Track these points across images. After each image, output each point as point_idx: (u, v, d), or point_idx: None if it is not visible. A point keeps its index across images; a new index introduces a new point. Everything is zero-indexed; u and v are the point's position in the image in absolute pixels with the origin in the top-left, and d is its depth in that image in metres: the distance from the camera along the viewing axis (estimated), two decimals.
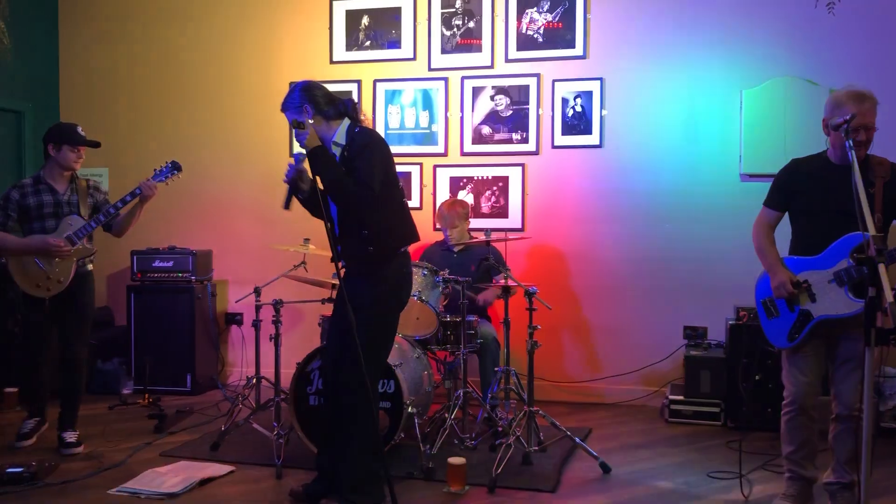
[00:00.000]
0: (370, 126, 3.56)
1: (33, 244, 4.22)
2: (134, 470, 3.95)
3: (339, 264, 3.32)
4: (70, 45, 6.48)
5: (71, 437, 4.33)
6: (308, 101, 3.40)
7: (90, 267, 4.46)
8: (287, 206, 3.42)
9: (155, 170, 4.45)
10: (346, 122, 3.46)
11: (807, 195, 3.26)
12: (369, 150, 3.36)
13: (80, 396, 4.45)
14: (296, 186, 3.40)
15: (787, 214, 3.39)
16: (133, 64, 6.36)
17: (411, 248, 3.61)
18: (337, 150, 3.43)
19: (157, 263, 5.84)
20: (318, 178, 3.35)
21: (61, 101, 6.48)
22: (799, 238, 3.33)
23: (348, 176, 3.33)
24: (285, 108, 3.46)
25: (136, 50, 6.35)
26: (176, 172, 4.46)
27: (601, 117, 5.50)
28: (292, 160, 3.42)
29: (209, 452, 4.24)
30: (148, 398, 5.37)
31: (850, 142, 2.91)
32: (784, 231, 3.41)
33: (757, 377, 4.71)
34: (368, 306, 3.36)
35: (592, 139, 5.51)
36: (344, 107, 3.46)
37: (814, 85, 5.05)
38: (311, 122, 3.39)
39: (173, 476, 3.83)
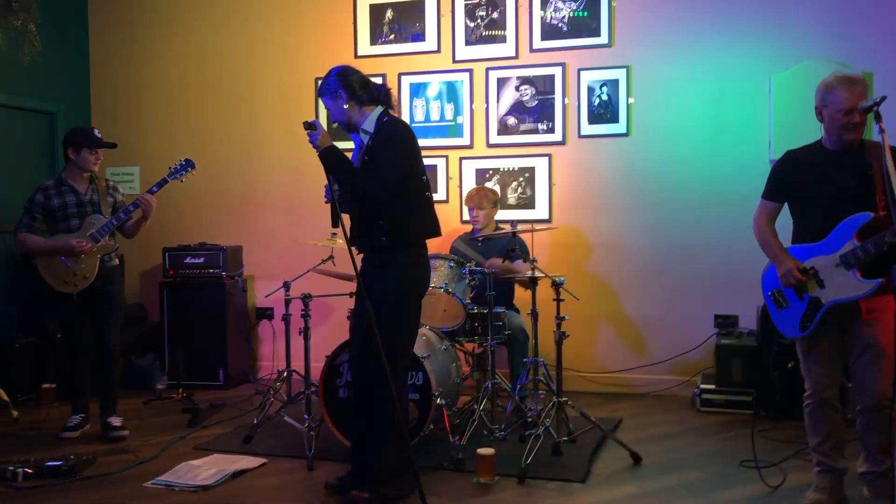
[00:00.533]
0: (399, 116, 3.57)
1: (59, 245, 4.40)
2: (168, 463, 4.01)
3: (354, 250, 3.34)
4: (100, 47, 6.57)
5: (116, 421, 4.56)
6: (342, 86, 3.42)
7: (116, 261, 4.65)
8: (337, 223, 3.39)
9: (170, 168, 4.59)
10: (378, 109, 3.47)
11: (806, 184, 3.23)
12: (393, 141, 3.38)
13: (117, 384, 4.66)
14: (338, 204, 3.43)
15: (782, 208, 3.37)
16: (160, 64, 6.43)
17: (440, 240, 3.61)
18: (365, 138, 3.46)
19: (188, 260, 5.91)
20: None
21: (92, 102, 6.59)
22: (801, 227, 3.29)
23: (365, 169, 3.36)
24: (321, 93, 3.50)
25: (163, 50, 6.42)
26: (190, 170, 4.61)
27: (628, 105, 5.45)
28: (309, 122, 3.40)
29: (242, 445, 4.30)
30: (181, 393, 5.44)
31: (880, 125, 2.88)
32: (783, 225, 3.37)
33: (790, 365, 4.65)
34: (383, 297, 3.38)
35: (619, 128, 5.47)
36: (377, 92, 3.48)
37: (845, 68, 4.94)
38: (345, 107, 3.42)
39: (207, 469, 3.89)
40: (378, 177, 3.33)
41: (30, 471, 3.79)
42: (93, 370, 4.67)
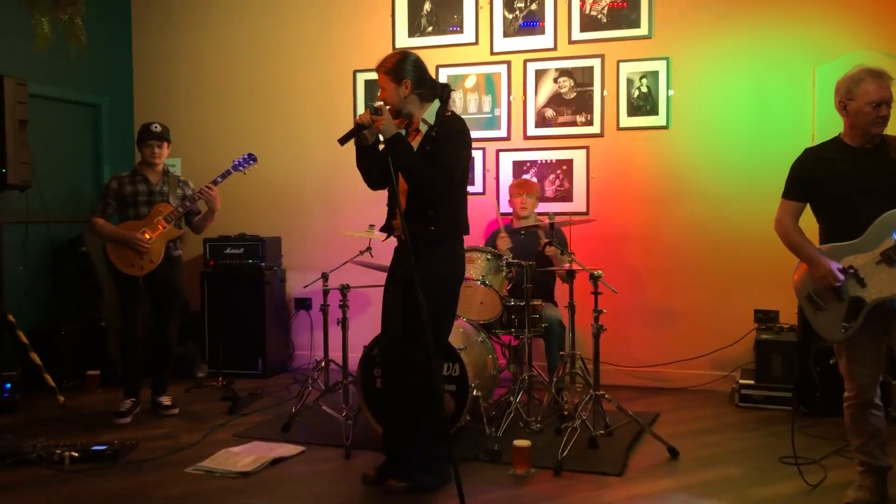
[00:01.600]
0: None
1: (125, 235, 4.62)
2: (209, 449, 4.09)
3: (401, 237, 3.37)
4: (143, 40, 6.67)
5: (166, 400, 4.88)
6: (411, 75, 3.44)
7: (179, 252, 4.87)
8: (343, 142, 3.42)
9: (234, 161, 4.84)
10: (437, 103, 3.52)
11: (831, 181, 3.15)
12: (460, 136, 3.46)
13: (169, 366, 4.97)
14: (359, 131, 3.42)
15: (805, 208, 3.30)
16: (201, 58, 6.51)
17: (477, 230, 3.62)
18: (424, 128, 3.49)
19: (228, 250, 6.00)
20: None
21: (135, 95, 6.70)
22: (830, 226, 3.22)
23: (428, 158, 3.39)
24: (385, 70, 3.45)
25: (203, 44, 6.50)
26: (252, 163, 4.87)
27: (668, 98, 5.39)
28: (376, 107, 3.39)
29: (280, 433, 4.36)
30: (221, 381, 5.54)
31: None
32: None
33: (831, 361, 4.57)
34: (426, 287, 3.38)
35: (659, 120, 5.42)
36: (441, 90, 3.54)
37: (893, 58, 4.84)
38: (406, 96, 3.43)
39: (246, 456, 3.95)
40: (443, 167, 3.38)
41: (76, 454, 3.90)
42: (145, 355, 4.89)
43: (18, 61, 5.45)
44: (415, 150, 3.45)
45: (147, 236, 4.62)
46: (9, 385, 4.86)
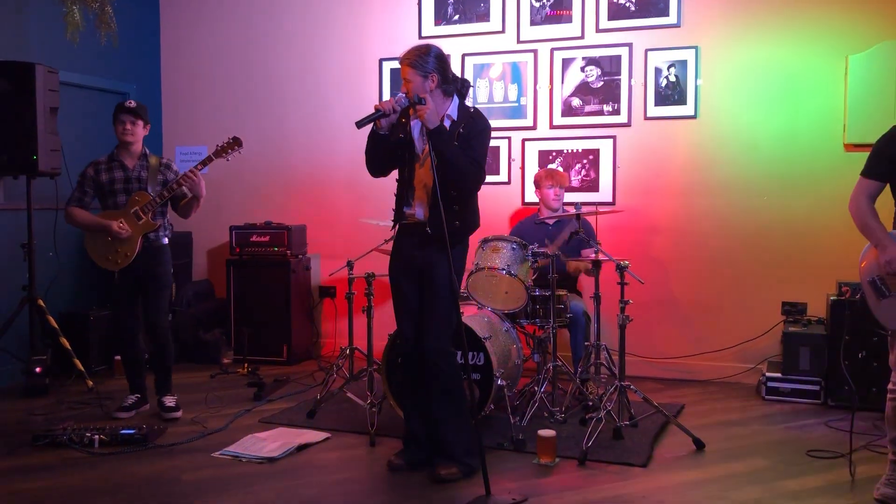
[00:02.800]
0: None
1: (102, 223, 4.39)
2: (235, 435, 4.13)
3: (429, 229, 3.41)
4: (171, 29, 6.71)
5: (170, 401, 4.55)
6: (438, 70, 3.45)
7: (165, 241, 4.56)
8: (360, 125, 3.39)
9: (217, 145, 4.53)
10: (456, 98, 3.55)
11: None
12: (487, 133, 3.54)
13: (169, 362, 4.62)
14: (378, 117, 3.41)
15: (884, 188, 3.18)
16: (228, 46, 6.54)
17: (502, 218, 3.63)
18: (447, 123, 3.50)
19: (254, 238, 6.03)
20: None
21: (163, 83, 6.74)
22: None
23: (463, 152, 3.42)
24: (411, 63, 3.43)
25: (232, 31, 6.52)
26: (237, 148, 4.51)
27: (696, 87, 5.34)
28: (401, 97, 3.40)
29: (306, 420, 4.39)
30: (247, 367, 5.58)
31: None
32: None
33: (860, 355, 4.53)
34: (444, 277, 3.43)
35: (687, 110, 5.36)
36: (462, 86, 3.56)
37: None
38: (431, 91, 3.42)
39: (272, 441, 3.99)
40: (477, 161, 3.44)
41: (105, 438, 3.96)
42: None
43: (49, 49, 5.51)
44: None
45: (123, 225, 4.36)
46: (39, 369, 4.94)
